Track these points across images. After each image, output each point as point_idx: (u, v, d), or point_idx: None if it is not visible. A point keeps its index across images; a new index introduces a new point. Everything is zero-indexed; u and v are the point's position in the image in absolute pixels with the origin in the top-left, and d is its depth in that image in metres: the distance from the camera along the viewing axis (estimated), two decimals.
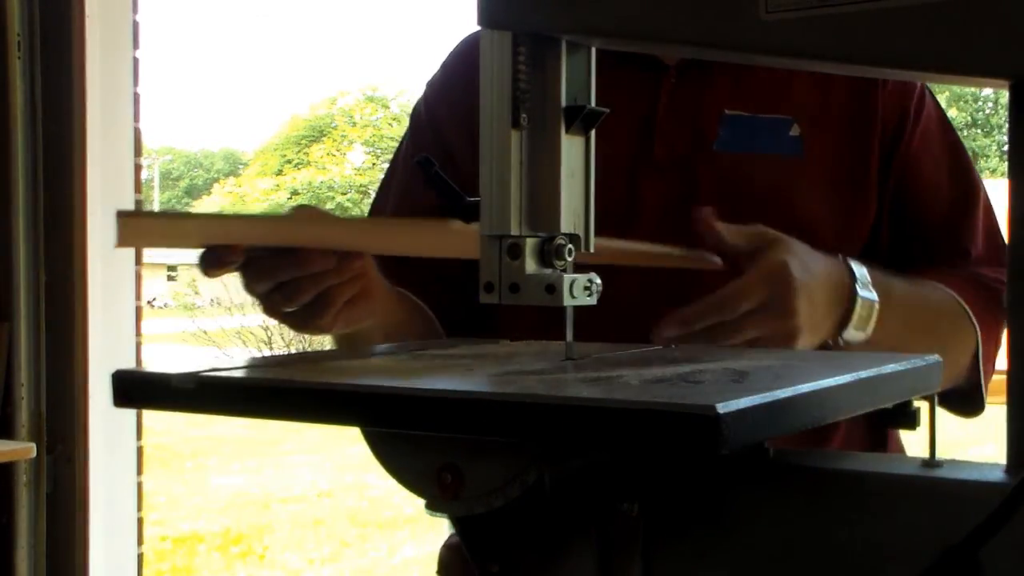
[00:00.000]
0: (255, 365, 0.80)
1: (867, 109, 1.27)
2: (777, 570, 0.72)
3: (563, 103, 0.80)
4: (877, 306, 1.11)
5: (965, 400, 1.25)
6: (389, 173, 1.41)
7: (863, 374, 0.71)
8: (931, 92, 1.34)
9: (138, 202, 3.44)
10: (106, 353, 3.29)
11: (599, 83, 1.23)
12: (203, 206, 37.33)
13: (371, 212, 1.42)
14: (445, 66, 1.38)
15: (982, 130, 30.74)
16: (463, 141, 1.23)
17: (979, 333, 1.21)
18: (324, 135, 36.53)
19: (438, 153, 1.18)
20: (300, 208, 1.09)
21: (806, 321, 1.05)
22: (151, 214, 0.97)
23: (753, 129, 1.26)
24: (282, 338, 16.14)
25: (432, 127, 1.35)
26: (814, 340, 1.08)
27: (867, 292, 1.11)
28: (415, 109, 1.40)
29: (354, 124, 36.73)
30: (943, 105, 1.39)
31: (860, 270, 1.12)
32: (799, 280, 1.05)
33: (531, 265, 0.80)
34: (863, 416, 1.26)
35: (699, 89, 1.26)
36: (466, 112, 0.99)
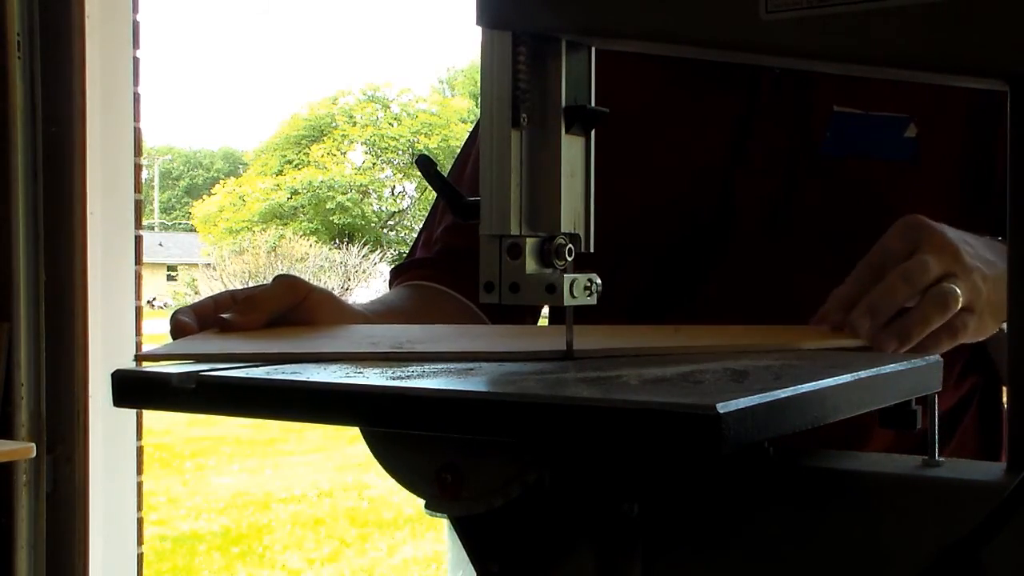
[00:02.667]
0: (255, 365, 0.80)
1: (993, 105, 1.12)
2: (777, 570, 0.72)
3: (563, 103, 0.80)
4: None
5: None
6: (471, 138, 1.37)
7: (863, 374, 0.71)
8: None
9: (138, 202, 3.44)
10: (106, 353, 3.30)
11: (693, 79, 1.19)
12: (205, 205, 37.31)
13: (452, 170, 1.36)
14: None
15: None
16: None
17: None
18: (324, 135, 36.56)
19: None
20: (281, 277, 1.03)
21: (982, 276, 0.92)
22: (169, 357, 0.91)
23: (864, 129, 1.14)
24: None
25: None
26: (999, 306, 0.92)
27: None
28: None
29: (354, 124, 36.75)
30: None
31: None
32: (941, 229, 0.93)
33: (531, 265, 0.80)
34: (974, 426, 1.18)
35: (805, 84, 1.16)
36: None
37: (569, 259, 0.81)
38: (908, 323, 0.90)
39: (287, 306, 1.00)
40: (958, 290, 0.90)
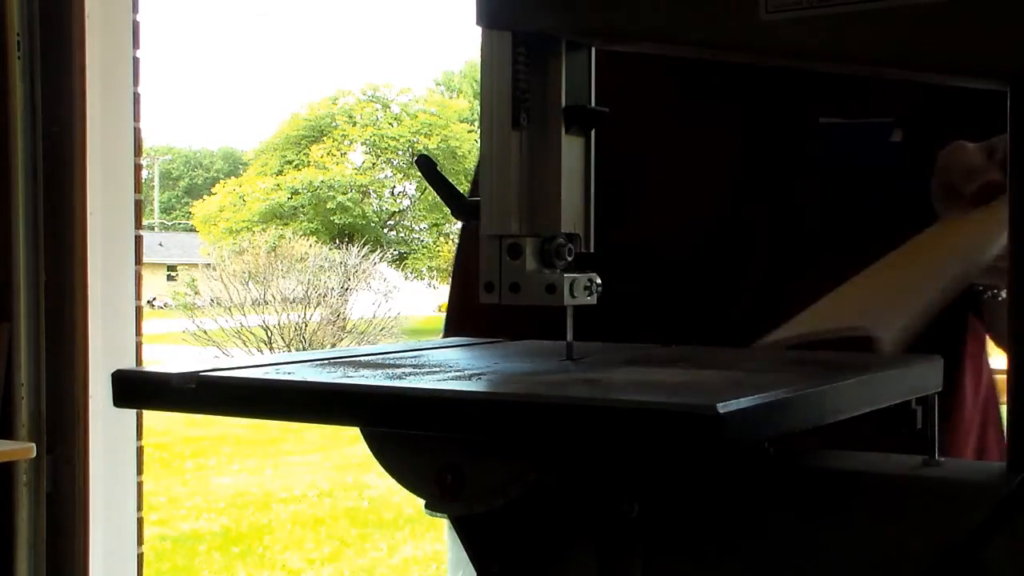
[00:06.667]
0: (255, 365, 0.80)
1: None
2: (777, 569, 0.72)
3: (563, 103, 0.80)
4: None
5: None
6: None
7: (863, 374, 0.71)
8: None
9: (138, 202, 3.44)
10: (106, 353, 3.29)
11: (692, 99, 1.15)
12: (205, 205, 37.28)
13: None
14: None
15: None
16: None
17: None
18: (324, 135, 36.52)
19: None
20: None
21: None
22: None
23: (853, 138, 1.10)
24: (282, 338, 16.16)
25: None
26: None
27: None
28: None
29: (354, 124, 36.71)
30: None
31: None
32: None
33: (531, 265, 0.80)
34: None
35: (798, 94, 1.11)
36: None
37: (569, 259, 0.81)
38: None
39: None
40: None
